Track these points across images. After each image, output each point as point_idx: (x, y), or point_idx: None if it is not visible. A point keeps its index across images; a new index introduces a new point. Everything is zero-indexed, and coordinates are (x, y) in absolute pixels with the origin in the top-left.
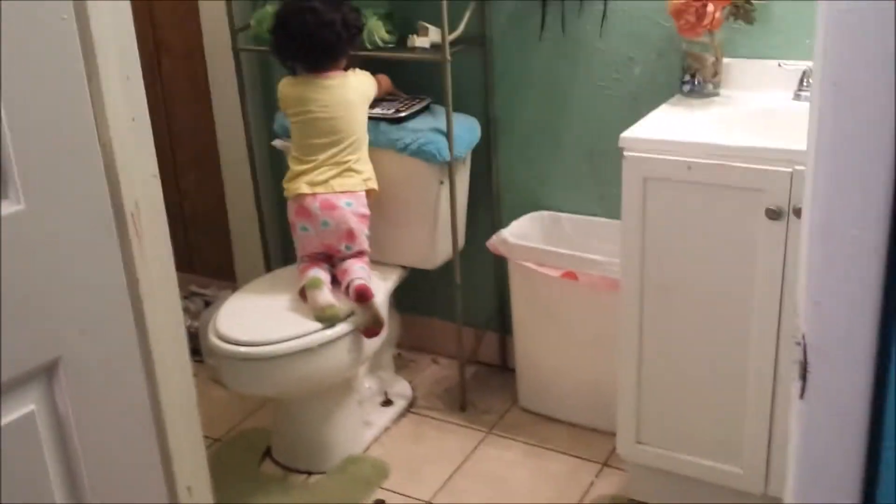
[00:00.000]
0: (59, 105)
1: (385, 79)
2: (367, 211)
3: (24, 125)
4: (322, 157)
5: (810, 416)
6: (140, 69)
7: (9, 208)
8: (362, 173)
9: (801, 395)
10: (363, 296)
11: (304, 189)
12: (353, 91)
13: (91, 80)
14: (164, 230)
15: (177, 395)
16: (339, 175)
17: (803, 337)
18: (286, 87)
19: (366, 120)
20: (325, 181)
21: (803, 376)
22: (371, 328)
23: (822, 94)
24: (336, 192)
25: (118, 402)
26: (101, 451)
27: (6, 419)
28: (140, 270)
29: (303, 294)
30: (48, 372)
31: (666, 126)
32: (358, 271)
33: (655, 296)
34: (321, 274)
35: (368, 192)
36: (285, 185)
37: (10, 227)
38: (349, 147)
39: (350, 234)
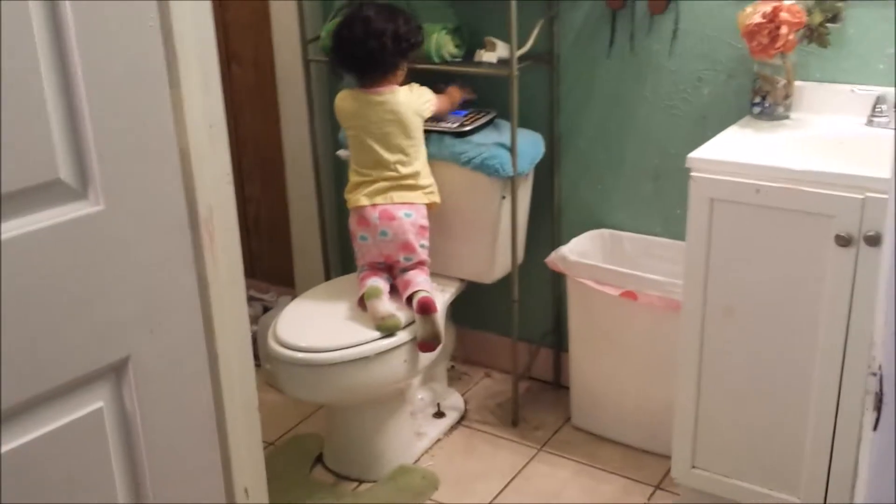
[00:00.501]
0: (141, 110)
1: (456, 90)
2: (426, 223)
3: (106, 128)
4: (377, 171)
5: (884, 449)
6: (219, 76)
7: (89, 209)
8: (424, 187)
9: (875, 428)
10: (427, 308)
11: (364, 201)
12: (401, 106)
13: (173, 86)
14: (235, 235)
15: (240, 397)
16: (398, 188)
17: (879, 367)
18: (340, 100)
19: (421, 136)
20: (385, 192)
21: (878, 408)
22: (429, 342)
23: None
24: (395, 203)
25: (183, 403)
26: (165, 450)
27: (76, 414)
28: (210, 273)
29: (362, 303)
30: (117, 370)
31: (735, 148)
32: (422, 283)
33: (717, 318)
34: (380, 283)
35: (430, 205)
36: (347, 197)
37: (88, 228)
38: (403, 162)
39: (408, 246)
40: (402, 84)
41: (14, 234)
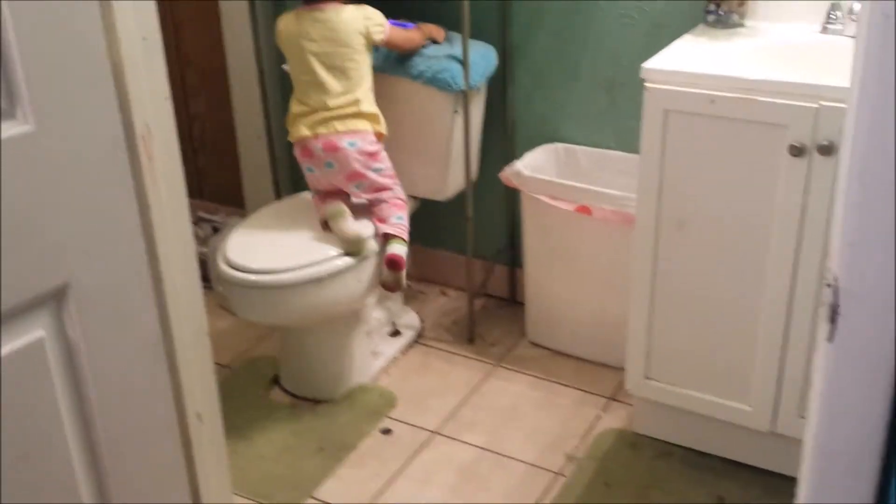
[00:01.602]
0: (69, 23)
1: (430, 27)
2: (374, 148)
3: (32, 44)
4: (318, 97)
5: (839, 360)
6: None
7: (17, 129)
8: (368, 115)
9: (830, 339)
10: (396, 266)
11: (305, 132)
12: (343, 24)
13: None
14: (176, 154)
15: (188, 322)
16: (340, 118)
17: (835, 279)
18: (283, 23)
19: (365, 60)
20: (327, 121)
21: (833, 319)
22: (391, 286)
23: (871, 25)
24: (339, 133)
25: (128, 329)
26: (112, 379)
27: (14, 345)
28: (151, 194)
29: (326, 226)
30: (57, 298)
31: (689, 57)
32: (395, 224)
33: (671, 230)
34: (342, 205)
35: (377, 136)
36: (288, 129)
37: (17, 149)
38: (346, 89)
39: (356, 175)
40: (345, 2)
41: None
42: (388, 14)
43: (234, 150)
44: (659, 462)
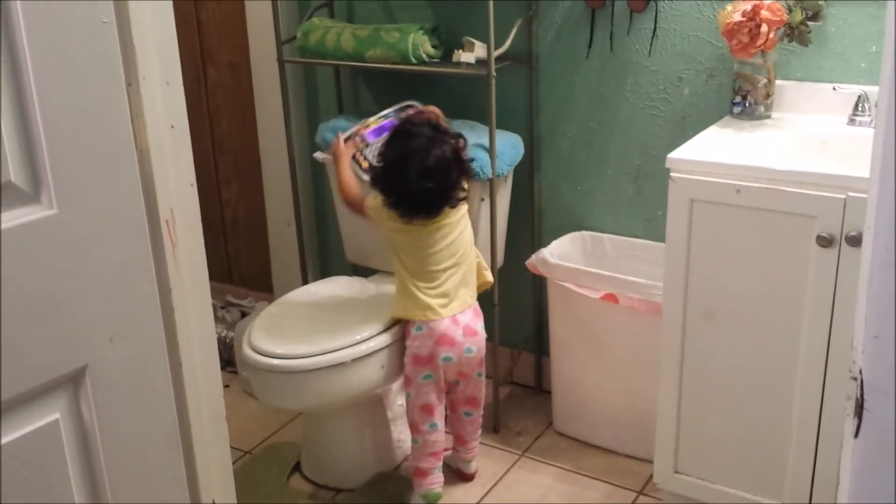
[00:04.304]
0: (95, 109)
1: (435, 110)
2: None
3: (59, 129)
4: (444, 278)
5: (864, 456)
6: (180, 75)
7: (41, 213)
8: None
9: (856, 434)
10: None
11: (444, 312)
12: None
13: (130, 84)
14: (199, 239)
15: (206, 407)
16: (464, 288)
17: (860, 372)
18: (397, 229)
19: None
20: (457, 298)
21: (859, 414)
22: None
23: (889, 115)
24: (472, 307)
25: (144, 412)
26: (125, 462)
27: (31, 427)
28: (173, 279)
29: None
30: (74, 380)
31: (715, 148)
32: (474, 448)
33: (699, 321)
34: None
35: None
36: (409, 314)
37: (41, 232)
38: (468, 265)
39: (482, 361)
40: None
41: None
42: (416, 97)
43: (264, 236)
44: None
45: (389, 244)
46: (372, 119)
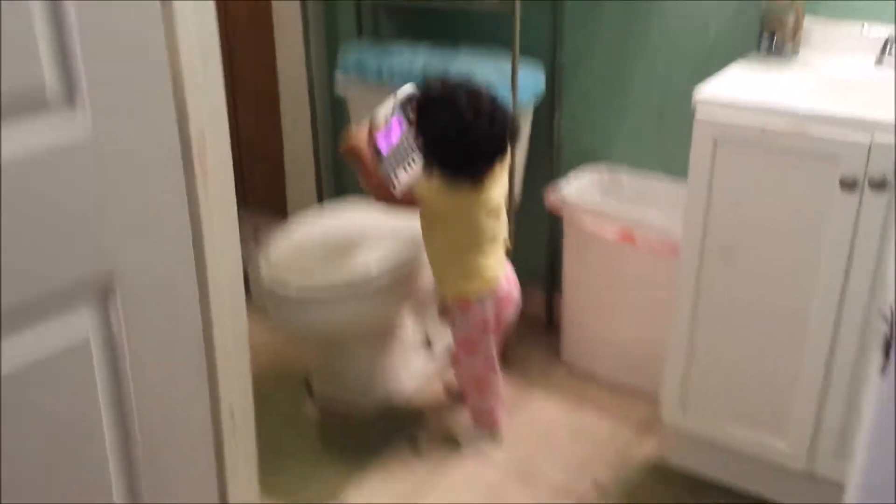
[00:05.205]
0: (130, 23)
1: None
2: None
3: (95, 43)
4: (499, 238)
5: (889, 394)
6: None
7: (75, 127)
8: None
9: (883, 371)
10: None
11: (502, 274)
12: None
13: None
14: (229, 163)
15: (230, 325)
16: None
17: (891, 310)
18: (440, 197)
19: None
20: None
21: (886, 352)
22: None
23: None
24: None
25: (172, 327)
26: (151, 372)
27: (61, 336)
28: (202, 200)
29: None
30: (103, 290)
31: (741, 86)
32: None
33: (715, 261)
34: None
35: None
36: (465, 289)
37: (74, 141)
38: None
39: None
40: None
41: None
42: (437, 23)
43: (279, 161)
44: (688, 497)
45: (437, 226)
46: (378, 117)
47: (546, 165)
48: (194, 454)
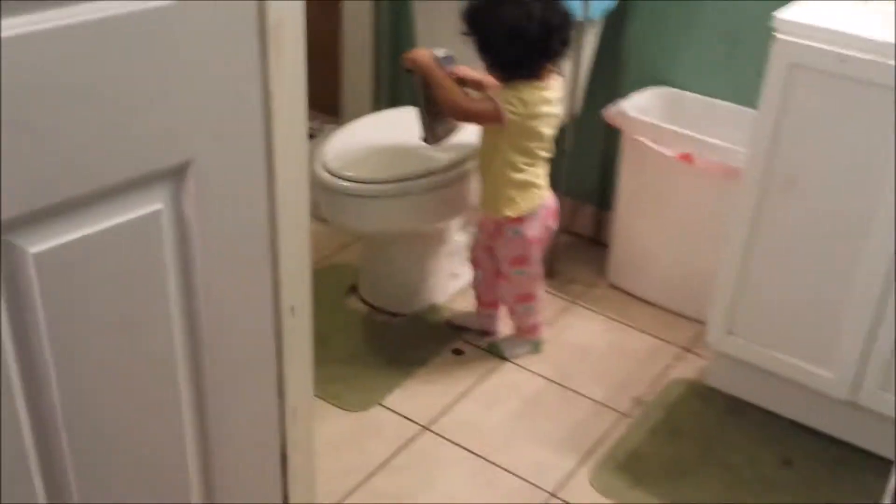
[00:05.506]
0: None
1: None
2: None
3: None
4: (543, 159)
5: None
6: None
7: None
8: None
9: None
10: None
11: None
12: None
13: None
14: (302, 50)
15: (293, 217)
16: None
17: None
18: (530, 90)
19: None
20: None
21: None
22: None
23: None
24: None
25: (241, 215)
26: (219, 258)
27: (135, 213)
28: (275, 85)
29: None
30: (178, 175)
31: (823, 13)
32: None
33: (778, 187)
34: None
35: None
36: (521, 205)
37: (156, 22)
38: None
39: None
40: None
41: (77, 21)
42: None
43: (337, 60)
44: (729, 417)
45: (502, 140)
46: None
47: (609, 83)
48: (256, 342)
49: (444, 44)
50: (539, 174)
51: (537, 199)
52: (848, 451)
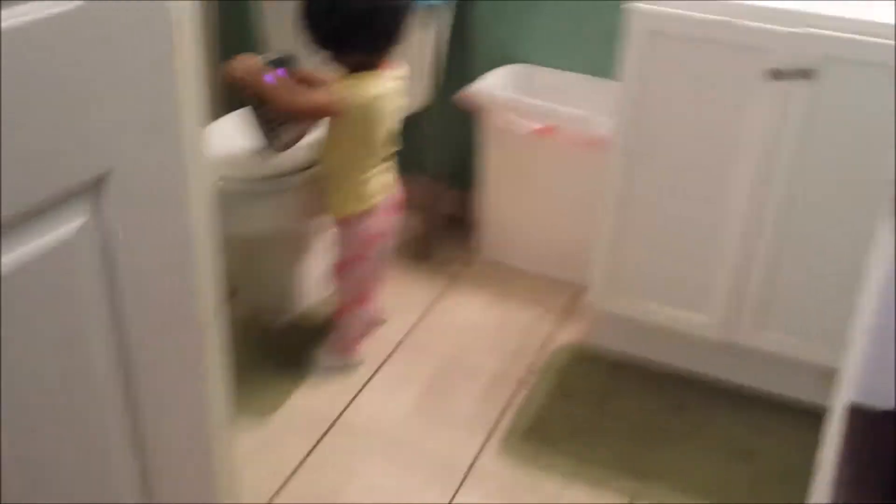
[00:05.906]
0: None
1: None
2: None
3: None
4: (381, 159)
5: None
6: None
7: (67, 4)
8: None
9: None
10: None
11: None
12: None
13: None
14: (197, 46)
15: (206, 217)
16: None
17: None
18: (369, 79)
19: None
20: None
21: None
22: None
23: None
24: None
25: (164, 219)
26: (146, 268)
27: (56, 232)
28: (181, 83)
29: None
30: (98, 185)
31: None
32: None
33: (645, 152)
34: None
35: None
36: (351, 209)
37: (67, 26)
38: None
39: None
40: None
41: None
42: None
43: None
44: (616, 373)
45: (343, 135)
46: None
47: (463, 66)
48: (184, 351)
49: (293, 45)
50: (380, 169)
51: (378, 195)
52: (734, 390)
